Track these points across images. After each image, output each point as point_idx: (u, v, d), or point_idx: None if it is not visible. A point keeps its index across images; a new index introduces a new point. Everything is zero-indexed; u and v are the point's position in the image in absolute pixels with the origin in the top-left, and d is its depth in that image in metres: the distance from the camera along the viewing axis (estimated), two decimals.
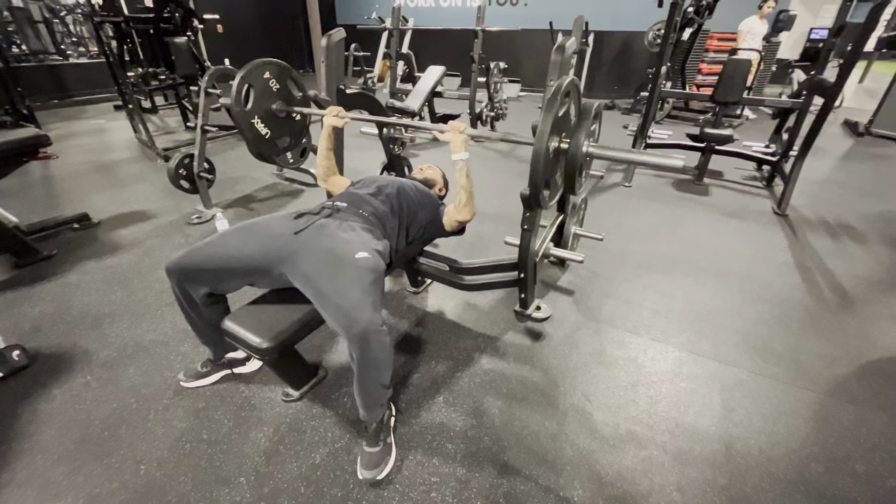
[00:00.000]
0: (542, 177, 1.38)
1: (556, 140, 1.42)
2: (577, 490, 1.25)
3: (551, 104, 1.31)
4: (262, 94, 1.81)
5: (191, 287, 1.33)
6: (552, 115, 1.31)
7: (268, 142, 1.90)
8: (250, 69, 1.74)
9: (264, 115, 1.85)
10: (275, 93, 1.86)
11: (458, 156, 1.51)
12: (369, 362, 1.15)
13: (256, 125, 1.83)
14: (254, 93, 1.78)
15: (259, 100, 1.81)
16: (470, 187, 1.54)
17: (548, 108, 1.31)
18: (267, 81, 1.82)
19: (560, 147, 1.46)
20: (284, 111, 1.90)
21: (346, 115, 1.74)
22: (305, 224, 1.34)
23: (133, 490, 1.23)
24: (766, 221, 3.02)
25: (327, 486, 1.24)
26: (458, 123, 1.53)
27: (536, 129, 1.52)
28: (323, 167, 1.78)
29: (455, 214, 1.59)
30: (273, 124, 1.89)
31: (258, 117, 1.82)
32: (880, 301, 2.16)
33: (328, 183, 1.81)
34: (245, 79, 1.73)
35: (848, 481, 1.28)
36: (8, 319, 1.89)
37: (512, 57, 7.15)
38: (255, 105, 1.80)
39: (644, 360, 1.74)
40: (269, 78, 1.82)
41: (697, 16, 4.62)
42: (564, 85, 1.34)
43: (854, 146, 5.01)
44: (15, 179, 3.41)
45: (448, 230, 1.67)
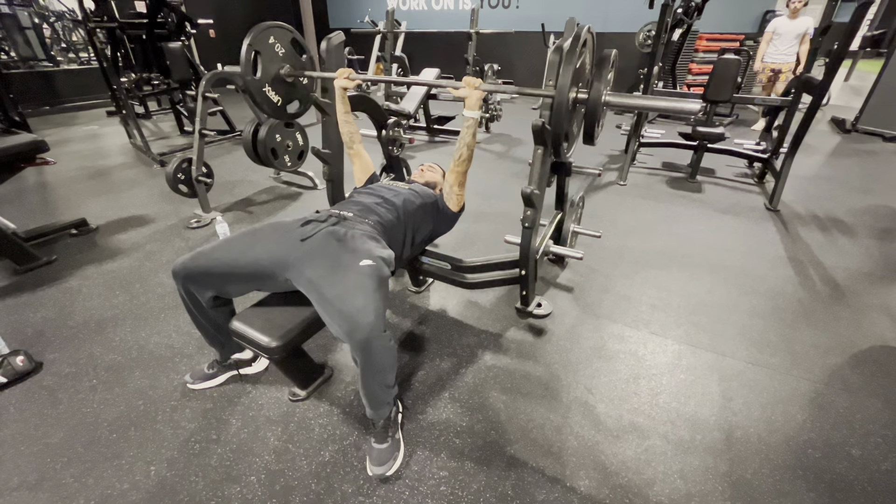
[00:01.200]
0: (563, 127, 1.38)
1: (574, 91, 1.42)
2: (582, 480, 1.27)
3: (571, 55, 1.30)
4: (269, 59, 1.77)
5: (196, 290, 1.34)
6: (572, 68, 1.29)
7: (279, 108, 1.87)
8: (256, 34, 1.68)
9: (273, 81, 1.81)
10: (281, 57, 1.82)
11: (470, 113, 1.49)
12: (373, 366, 1.17)
13: (268, 92, 1.79)
14: (261, 60, 1.74)
15: (267, 66, 1.77)
16: (473, 146, 1.53)
17: (567, 58, 1.30)
18: (272, 46, 1.77)
19: (578, 97, 1.45)
20: (293, 75, 1.86)
21: (356, 77, 1.71)
22: (312, 231, 1.34)
23: (145, 490, 1.24)
24: (759, 217, 3.08)
25: (338, 483, 1.26)
26: (472, 79, 1.48)
27: (537, 128, 1.55)
28: (346, 133, 1.79)
29: (454, 171, 1.58)
30: (282, 90, 1.85)
31: (268, 84, 1.79)
32: (870, 292, 2.21)
33: (354, 151, 1.81)
34: (252, 45, 1.68)
35: (844, 465, 1.32)
36: (10, 325, 1.89)
37: (505, 59, 7.21)
38: (265, 72, 1.76)
39: (644, 354, 1.78)
40: (273, 42, 1.77)
41: (687, 17, 4.69)
42: (583, 34, 1.34)
43: (841, 143, 5.12)
44: (11, 186, 3.40)
45: (453, 208, 1.68)
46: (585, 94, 1.42)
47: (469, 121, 1.51)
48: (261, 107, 1.81)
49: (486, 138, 5.06)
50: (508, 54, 7.93)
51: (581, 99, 1.44)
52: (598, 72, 1.39)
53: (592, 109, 1.38)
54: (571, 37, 1.37)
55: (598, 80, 1.36)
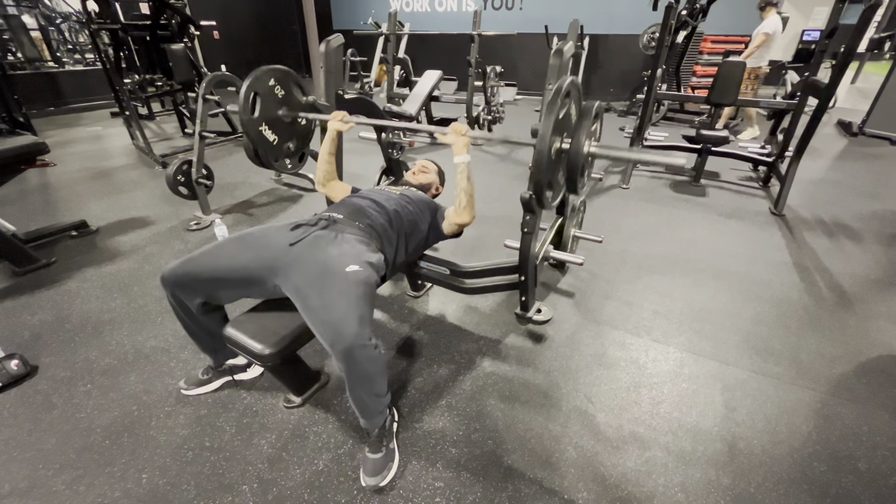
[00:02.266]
0: (545, 177, 1.38)
1: (558, 140, 1.43)
2: (581, 492, 1.25)
3: (552, 105, 1.31)
4: (268, 100, 1.83)
5: (185, 297, 1.32)
6: (553, 116, 1.31)
7: (275, 147, 1.92)
8: (256, 77, 1.75)
9: (271, 122, 1.86)
10: (280, 99, 1.88)
11: (459, 158, 1.51)
12: (359, 377, 1.15)
13: (264, 132, 1.84)
14: (260, 100, 1.79)
15: (265, 107, 1.82)
16: (471, 190, 1.54)
17: (549, 108, 1.31)
18: (272, 88, 1.83)
19: (562, 147, 1.46)
20: (290, 117, 1.91)
21: (350, 120, 1.74)
22: (301, 236, 1.32)
23: (136, 498, 1.22)
24: (764, 221, 3.04)
25: (331, 493, 1.24)
26: (459, 126, 1.52)
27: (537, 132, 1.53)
28: (323, 171, 1.78)
29: (455, 217, 1.58)
30: (280, 130, 1.91)
31: (265, 124, 1.83)
32: (878, 299, 2.17)
33: (327, 188, 1.81)
34: (252, 87, 1.74)
35: (851, 479, 1.29)
36: (7, 328, 1.88)
37: (508, 60, 7.20)
38: (262, 112, 1.81)
39: (645, 362, 1.75)
40: (273, 85, 1.83)
41: (691, 18, 4.66)
42: (565, 86, 1.35)
43: (848, 146, 5.06)
44: (12, 187, 3.41)
45: (447, 234, 1.66)
46: (568, 143, 1.43)
47: (460, 166, 1.52)
48: (256, 145, 1.84)
49: (492, 134, 5.03)
50: (511, 56, 7.91)
51: (564, 149, 1.45)
52: (580, 123, 1.40)
53: (574, 160, 1.39)
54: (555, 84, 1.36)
55: (581, 131, 1.38)
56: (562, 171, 1.56)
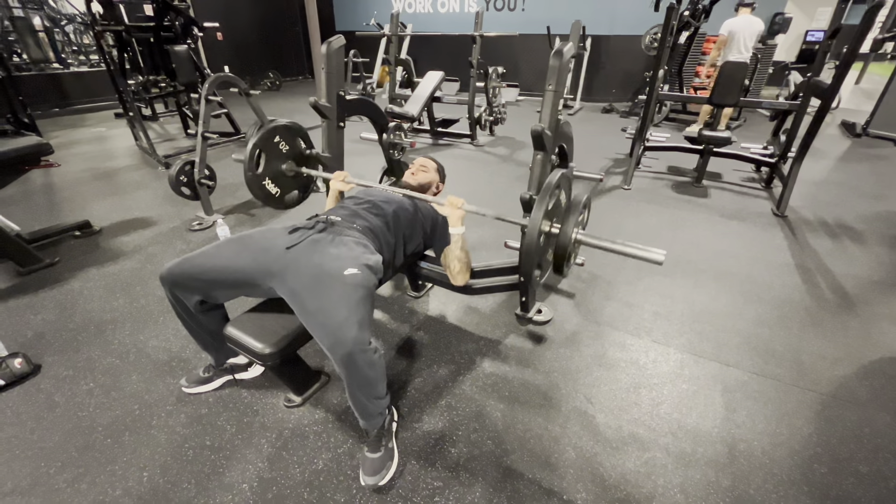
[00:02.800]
0: (535, 261, 1.44)
1: (548, 226, 1.49)
2: (580, 493, 1.25)
3: (543, 196, 1.39)
4: (272, 156, 1.89)
5: (183, 295, 1.33)
6: (544, 207, 1.37)
7: (278, 199, 1.99)
8: (262, 136, 1.80)
9: (274, 176, 1.92)
10: (284, 154, 1.94)
11: (455, 230, 1.54)
12: (358, 381, 1.15)
13: (267, 186, 1.90)
14: (265, 156, 1.85)
15: (269, 162, 1.88)
16: (465, 259, 1.57)
17: (540, 200, 1.38)
18: (277, 144, 1.89)
19: (551, 231, 1.52)
20: (294, 171, 1.97)
21: (351, 180, 1.78)
22: (298, 239, 1.32)
23: (137, 497, 1.23)
24: (766, 223, 3.03)
25: (331, 492, 1.24)
26: (455, 199, 1.53)
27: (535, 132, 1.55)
28: None
29: (449, 275, 1.62)
30: (282, 182, 1.97)
31: (268, 178, 1.89)
32: (881, 301, 2.16)
33: None
34: (257, 145, 1.79)
35: (851, 482, 1.29)
36: (10, 327, 1.89)
37: (510, 61, 7.20)
38: (266, 167, 1.87)
39: (646, 363, 1.74)
40: (279, 141, 1.89)
41: (694, 19, 4.65)
42: (556, 179, 1.42)
43: (852, 147, 5.04)
44: (17, 187, 3.43)
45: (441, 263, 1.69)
46: (557, 229, 1.50)
47: (455, 237, 1.55)
48: (258, 198, 1.91)
49: (490, 141, 5.04)
50: (514, 57, 7.91)
51: (553, 234, 1.52)
52: (568, 212, 1.50)
53: (562, 246, 1.47)
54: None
55: (567, 220, 1.46)
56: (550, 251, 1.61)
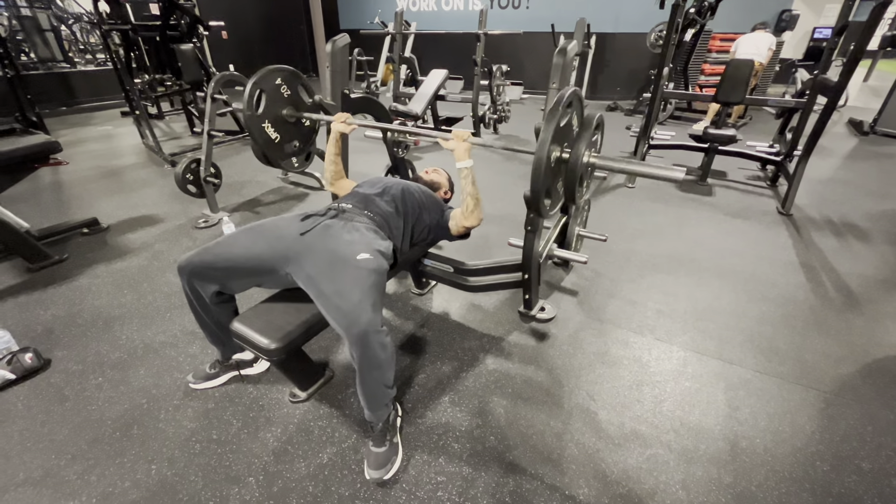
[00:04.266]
0: (543, 186, 1.39)
1: (558, 150, 1.43)
2: (582, 488, 1.26)
3: (553, 115, 1.32)
4: (273, 99, 1.85)
5: (200, 285, 1.35)
6: (553, 126, 1.32)
7: (277, 145, 1.94)
8: (262, 75, 1.77)
9: (274, 120, 1.88)
10: (285, 98, 1.90)
11: (462, 164, 1.52)
12: (370, 362, 1.17)
13: (266, 129, 1.86)
14: (265, 98, 1.81)
15: (270, 105, 1.84)
16: (476, 194, 1.55)
17: (549, 118, 1.32)
18: (278, 87, 1.85)
19: (561, 157, 1.47)
20: (294, 116, 1.93)
21: (353, 122, 1.77)
22: (312, 225, 1.36)
23: (145, 489, 1.25)
24: (771, 221, 3.02)
25: (335, 486, 1.26)
26: (460, 131, 1.53)
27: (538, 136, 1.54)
28: (330, 172, 1.81)
29: (462, 220, 1.60)
30: (283, 129, 1.93)
31: (268, 122, 1.86)
32: (885, 300, 2.15)
33: (335, 187, 1.85)
34: (257, 84, 1.76)
35: (853, 479, 1.29)
36: (21, 323, 1.92)
37: (514, 59, 7.18)
38: (266, 110, 1.83)
39: (648, 360, 1.75)
40: (280, 84, 1.85)
41: (699, 17, 4.62)
42: (567, 95, 1.36)
43: (858, 145, 4.99)
44: (26, 185, 3.47)
45: (454, 234, 1.68)
46: (568, 153, 1.43)
47: (463, 171, 1.53)
48: (257, 142, 1.88)
49: (494, 139, 5.04)
50: (518, 55, 7.89)
51: (563, 159, 1.45)
52: (580, 133, 1.40)
53: (573, 170, 1.39)
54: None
55: (579, 141, 1.38)
56: (561, 179, 1.57)
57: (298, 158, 3.47)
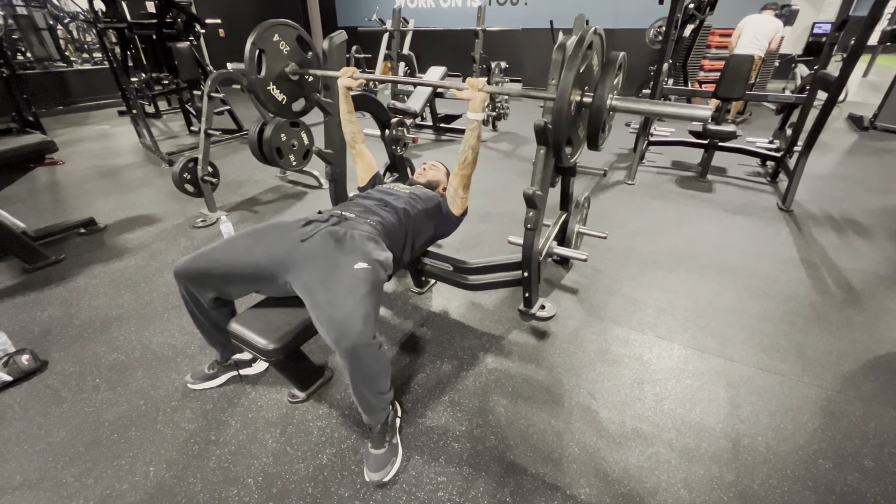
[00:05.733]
0: (565, 133, 1.32)
1: (579, 94, 1.37)
2: (583, 488, 1.25)
3: (574, 57, 1.24)
4: (273, 58, 1.77)
5: (198, 291, 1.34)
6: (574, 70, 1.24)
7: (285, 107, 1.87)
8: (260, 33, 1.68)
9: (278, 80, 1.81)
10: (286, 55, 1.82)
11: (474, 115, 1.47)
12: (363, 375, 1.15)
13: (272, 91, 1.79)
14: (266, 58, 1.74)
15: (271, 64, 1.76)
16: (478, 148, 1.52)
17: (570, 60, 1.24)
18: (277, 44, 1.76)
19: (583, 101, 1.40)
20: (298, 73, 1.86)
21: (360, 76, 1.70)
22: (312, 232, 1.34)
23: (143, 491, 1.24)
24: (771, 217, 3.01)
25: (335, 487, 1.25)
26: (475, 80, 1.47)
27: (539, 126, 1.52)
28: (348, 132, 1.78)
29: (458, 174, 1.56)
30: (287, 88, 1.85)
31: (272, 83, 1.79)
32: (887, 296, 2.14)
33: (357, 151, 1.81)
34: (256, 44, 1.68)
35: (856, 476, 1.28)
36: (18, 324, 1.91)
37: (513, 56, 7.16)
38: (269, 70, 1.76)
39: (649, 358, 1.74)
40: (278, 41, 1.77)
41: (699, 12, 4.60)
42: (588, 36, 1.29)
43: (859, 140, 4.98)
44: (22, 185, 3.45)
45: (456, 212, 1.67)
46: (590, 97, 1.38)
47: (473, 123, 1.49)
48: (265, 105, 1.82)
49: (493, 137, 5.02)
50: (516, 52, 7.86)
51: (585, 103, 1.40)
52: (603, 75, 1.34)
53: (597, 114, 1.33)
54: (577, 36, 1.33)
55: (603, 83, 1.32)
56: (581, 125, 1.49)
57: (297, 157, 3.44)
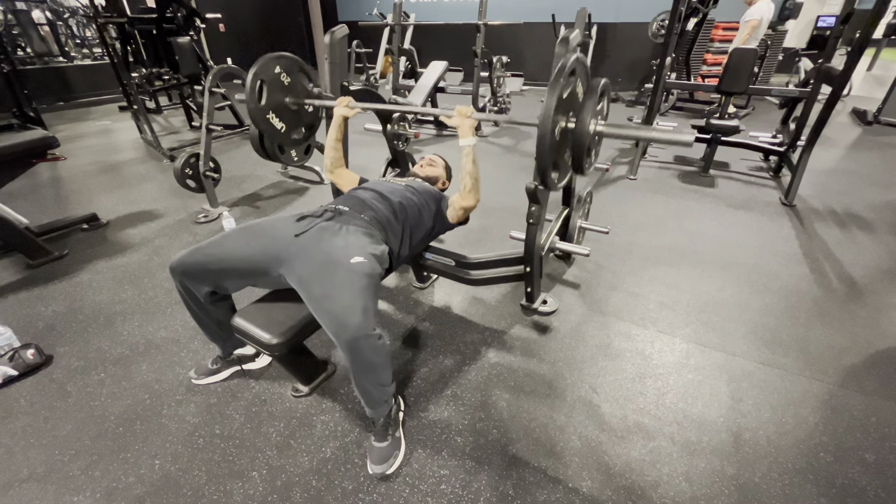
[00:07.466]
0: (549, 158, 1.34)
1: (563, 120, 1.39)
2: (585, 481, 1.26)
3: (556, 83, 1.27)
4: (274, 88, 1.81)
5: (193, 286, 1.34)
6: (556, 95, 1.27)
7: (283, 135, 1.91)
8: (262, 64, 1.73)
9: (277, 109, 1.85)
10: (287, 86, 1.86)
11: (465, 141, 1.49)
12: (363, 367, 1.16)
13: (271, 120, 1.83)
14: (266, 88, 1.78)
15: (272, 94, 1.81)
16: (476, 173, 1.53)
17: (552, 87, 1.28)
18: (278, 76, 1.81)
19: (567, 127, 1.43)
20: (297, 104, 1.90)
21: (356, 105, 1.73)
22: (307, 227, 1.34)
23: (149, 484, 1.25)
24: (774, 212, 3.00)
25: (338, 479, 1.26)
26: (464, 108, 1.50)
27: None
28: (331, 158, 1.78)
29: (460, 201, 1.57)
30: (287, 117, 1.89)
31: (272, 112, 1.83)
32: (889, 290, 2.14)
33: (335, 175, 1.81)
34: (258, 74, 1.73)
35: (857, 470, 1.29)
36: (22, 319, 1.92)
37: (514, 51, 7.11)
38: (269, 99, 1.80)
39: (651, 352, 1.74)
40: (280, 72, 1.81)
41: (702, 5, 4.57)
42: (570, 63, 1.32)
43: (862, 135, 4.95)
44: (24, 181, 3.46)
45: (453, 222, 1.66)
46: (574, 123, 1.40)
47: (466, 149, 1.51)
48: (265, 133, 1.85)
49: (495, 132, 5.01)
50: (518, 46, 7.82)
51: (569, 128, 1.42)
52: (586, 101, 1.37)
53: (580, 140, 1.35)
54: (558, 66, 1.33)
55: (586, 109, 1.34)
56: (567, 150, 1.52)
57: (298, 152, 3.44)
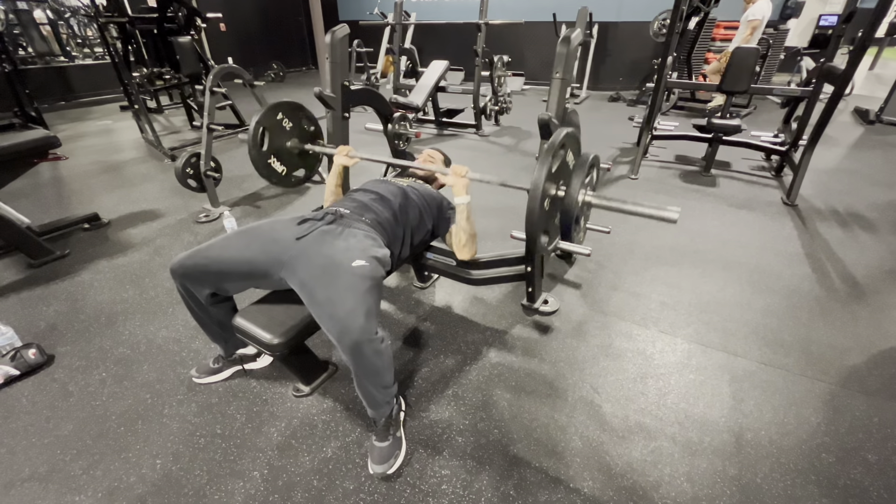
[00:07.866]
0: (539, 226, 1.40)
1: (554, 188, 1.45)
2: (586, 481, 1.26)
3: (547, 156, 1.33)
4: (276, 134, 1.90)
5: (194, 288, 1.34)
6: (546, 168, 1.33)
7: (285, 178, 2.01)
8: (264, 113, 1.83)
9: (279, 153, 1.93)
10: (288, 131, 1.94)
11: (460, 199, 1.54)
12: (365, 370, 1.16)
13: (272, 164, 1.92)
14: (268, 134, 1.86)
15: (274, 140, 1.89)
16: (471, 230, 1.57)
17: (543, 160, 1.33)
18: (280, 122, 1.90)
19: (557, 195, 1.48)
20: (298, 148, 1.96)
21: (355, 155, 1.77)
22: (308, 230, 1.33)
23: (151, 483, 1.25)
24: (775, 212, 2.99)
25: (339, 479, 1.26)
26: (459, 167, 1.54)
27: (542, 121, 1.52)
28: (329, 202, 1.82)
29: (455, 250, 1.64)
30: (288, 160, 1.99)
31: (273, 156, 1.90)
32: (892, 290, 2.13)
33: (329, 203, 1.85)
34: (260, 123, 1.80)
35: (860, 471, 1.28)
36: (24, 318, 1.93)
37: (516, 50, 7.11)
38: (270, 145, 1.88)
39: (652, 352, 1.74)
40: (281, 118, 1.90)
41: (704, 4, 4.55)
42: (560, 137, 1.35)
43: (865, 134, 4.94)
44: (26, 181, 3.46)
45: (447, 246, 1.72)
46: (563, 192, 1.45)
47: (461, 206, 1.54)
48: (267, 178, 1.94)
49: (496, 131, 5.00)
50: (519, 45, 7.81)
51: (559, 197, 1.46)
52: (576, 173, 1.42)
53: (568, 209, 1.39)
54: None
55: (575, 180, 1.39)
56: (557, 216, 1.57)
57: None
